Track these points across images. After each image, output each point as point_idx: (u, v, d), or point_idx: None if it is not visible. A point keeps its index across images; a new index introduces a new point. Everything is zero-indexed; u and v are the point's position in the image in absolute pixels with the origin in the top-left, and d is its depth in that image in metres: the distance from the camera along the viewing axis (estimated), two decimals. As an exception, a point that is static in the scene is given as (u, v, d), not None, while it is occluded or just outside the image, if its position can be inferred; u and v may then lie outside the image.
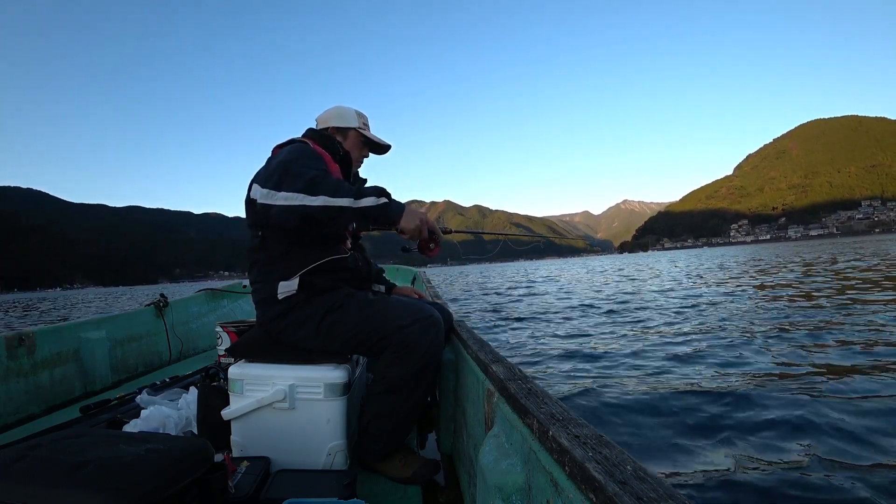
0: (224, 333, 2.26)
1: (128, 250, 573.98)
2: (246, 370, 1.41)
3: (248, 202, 1.39)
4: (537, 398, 0.81)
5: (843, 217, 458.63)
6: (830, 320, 5.11)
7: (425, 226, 1.36)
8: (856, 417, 2.35)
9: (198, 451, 0.97)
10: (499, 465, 0.80)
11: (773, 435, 2.27)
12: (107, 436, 1.02)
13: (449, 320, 1.66)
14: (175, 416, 1.66)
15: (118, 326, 2.81)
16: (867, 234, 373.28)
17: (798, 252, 33.37)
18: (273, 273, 1.43)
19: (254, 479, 1.23)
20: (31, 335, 2.24)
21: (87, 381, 2.49)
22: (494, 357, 1.15)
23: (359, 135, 1.69)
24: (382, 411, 1.40)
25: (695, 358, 3.81)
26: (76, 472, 0.81)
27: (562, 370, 3.72)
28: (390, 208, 1.29)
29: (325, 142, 1.59)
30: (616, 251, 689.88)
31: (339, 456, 1.39)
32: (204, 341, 3.56)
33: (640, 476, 0.53)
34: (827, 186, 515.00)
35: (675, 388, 3.00)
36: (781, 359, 3.65)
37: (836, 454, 2.03)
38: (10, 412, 2.06)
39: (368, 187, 1.29)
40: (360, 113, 1.71)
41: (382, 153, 1.81)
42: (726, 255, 45.88)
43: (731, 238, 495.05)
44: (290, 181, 1.24)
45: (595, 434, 0.65)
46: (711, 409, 2.63)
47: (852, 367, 3.25)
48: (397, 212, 1.30)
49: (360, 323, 1.40)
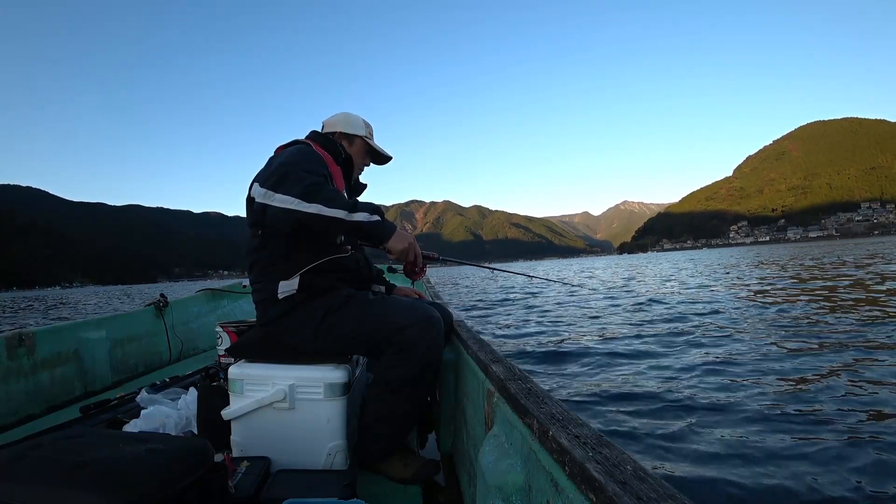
0: (224, 333, 2.26)
1: (127, 249, 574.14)
2: (246, 370, 1.41)
3: (249, 201, 1.39)
4: (537, 398, 0.81)
5: (843, 219, 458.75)
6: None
7: (412, 249, 1.40)
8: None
9: (198, 451, 0.97)
10: (499, 465, 0.80)
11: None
12: (107, 436, 1.02)
13: (449, 320, 1.66)
14: (175, 416, 1.66)
15: (118, 326, 2.81)
16: (866, 236, 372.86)
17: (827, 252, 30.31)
18: (273, 273, 1.43)
19: (254, 479, 1.23)
20: (31, 335, 2.24)
21: (87, 381, 2.49)
22: (494, 357, 1.15)
23: (364, 143, 1.73)
24: (382, 411, 1.40)
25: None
26: (76, 472, 0.81)
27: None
28: (381, 227, 1.33)
29: (327, 144, 1.61)
30: (616, 252, 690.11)
31: (339, 456, 1.39)
32: (204, 341, 3.55)
33: (640, 476, 0.53)
34: (826, 188, 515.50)
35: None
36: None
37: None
38: (10, 412, 2.06)
39: (364, 203, 1.32)
40: (368, 123, 1.75)
41: (383, 164, 1.86)
42: (739, 256, 43.92)
43: (730, 239, 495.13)
44: (289, 185, 1.25)
45: (595, 434, 0.65)
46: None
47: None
48: (388, 231, 1.35)
49: (360, 323, 1.40)
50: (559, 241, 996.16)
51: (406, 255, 1.40)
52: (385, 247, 1.37)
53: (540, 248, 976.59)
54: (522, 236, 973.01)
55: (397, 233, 1.37)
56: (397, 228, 1.39)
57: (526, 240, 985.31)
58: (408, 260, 1.43)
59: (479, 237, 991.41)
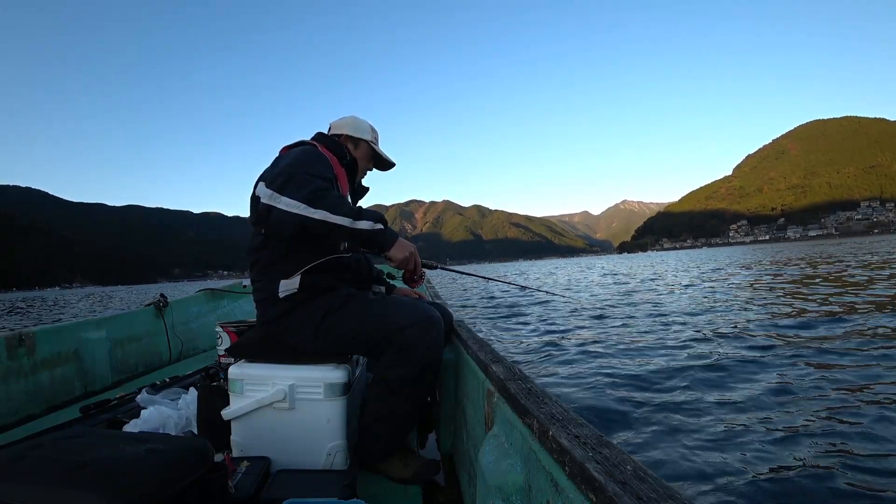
0: (224, 333, 2.26)
1: (127, 250, 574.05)
2: (246, 370, 1.41)
3: (254, 199, 1.40)
4: (537, 398, 0.81)
5: (842, 218, 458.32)
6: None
7: (413, 259, 1.44)
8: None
9: (198, 451, 0.97)
10: (499, 465, 0.80)
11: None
12: (107, 436, 1.02)
13: (449, 320, 1.67)
14: (175, 416, 1.66)
15: (118, 326, 2.81)
16: (866, 235, 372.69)
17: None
18: (274, 271, 1.43)
19: (254, 479, 1.23)
20: (32, 335, 2.24)
21: (87, 381, 2.49)
22: (494, 357, 1.15)
23: (369, 148, 1.74)
24: (382, 411, 1.40)
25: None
26: (76, 472, 0.81)
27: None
28: (384, 235, 1.35)
29: (333, 146, 1.62)
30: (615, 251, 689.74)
31: (339, 456, 1.39)
32: (204, 341, 3.56)
33: (640, 476, 0.53)
34: (826, 187, 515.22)
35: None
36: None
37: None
38: (10, 412, 2.06)
39: (368, 211, 1.33)
40: (374, 128, 1.77)
41: (385, 170, 1.88)
42: (747, 255, 42.90)
43: (729, 238, 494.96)
44: (295, 188, 1.26)
45: (595, 434, 0.65)
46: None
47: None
48: (390, 240, 1.38)
49: (361, 323, 1.40)
50: (559, 240, 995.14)
51: (407, 264, 1.44)
52: (387, 255, 1.41)
53: (540, 248, 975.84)
54: (522, 236, 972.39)
55: (399, 241, 1.41)
56: (399, 237, 1.42)
57: (526, 239, 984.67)
58: (408, 268, 1.47)
59: (478, 237, 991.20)
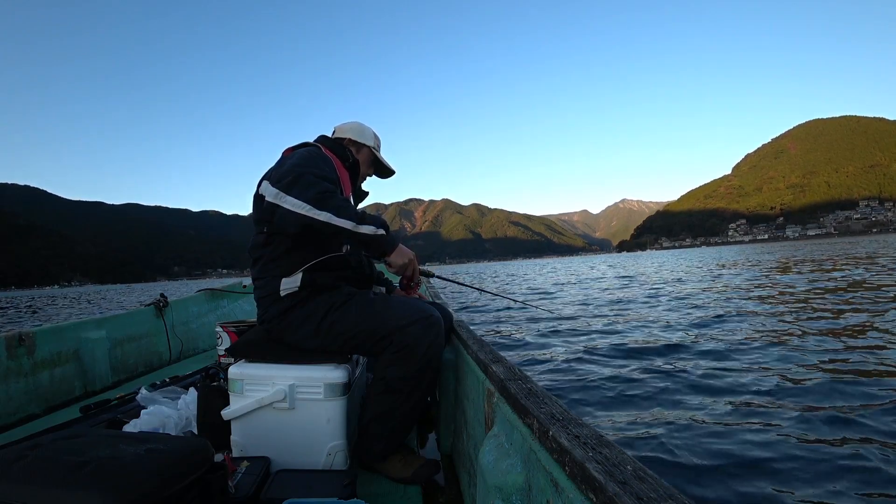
0: (224, 333, 2.26)
1: (126, 248, 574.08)
2: (246, 370, 1.41)
3: (257, 198, 1.40)
4: (537, 398, 0.81)
5: (841, 217, 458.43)
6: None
7: (411, 265, 1.48)
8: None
9: (198, 451, 0.97)
10: (499, 465, 0.80)
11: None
12: (107, 436, 1.02)
13: (449, 320, 1.67)
14: (175, 416, 1.66)
15: (118, 326, 2.81)
16: (865, 234, 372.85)
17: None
18: (276, 269, 1.44)
19: (254, 479, 1.23)
20: (31, 335, 2.24)
21: (87, 381, 2.49)
22: (494, 357, 1.15)
23: (371, 153, 1.77)
24: (382, 411, 1.40)
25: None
26: (76, 472, 0.81)
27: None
28: (385, 241, 1.37)
29: (336, 148, 1.64)
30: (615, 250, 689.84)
31: (339, 456, 1.39)
32: (204, 341, 3.56)
33: (640, 476, 0.53)
34: (825, 186, 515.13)
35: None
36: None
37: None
38: (10, 412, 2.06)
39: (371, 216, 1.35)
40: (377, 135, 1.81)
41: (385, 177, 1.91)
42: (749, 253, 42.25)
43: (729, 238, 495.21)
44: (301, 189, 1.27)
45: (595, 434, 0.65)
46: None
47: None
48: (390, 246, 1.41)
49: (361, 323, 1.40)
50: (558, 239, 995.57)
51: (405, 270, 1.47)
52: (386, 260, 1.43)
53: (539, 247, 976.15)
54: (521, 235, 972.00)
55: (399, 248, 1.43)
56: (400, 244, 1.44)
57: (525, 238, 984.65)
58: (406, 275, 1.50)
59: (478, 236, 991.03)
